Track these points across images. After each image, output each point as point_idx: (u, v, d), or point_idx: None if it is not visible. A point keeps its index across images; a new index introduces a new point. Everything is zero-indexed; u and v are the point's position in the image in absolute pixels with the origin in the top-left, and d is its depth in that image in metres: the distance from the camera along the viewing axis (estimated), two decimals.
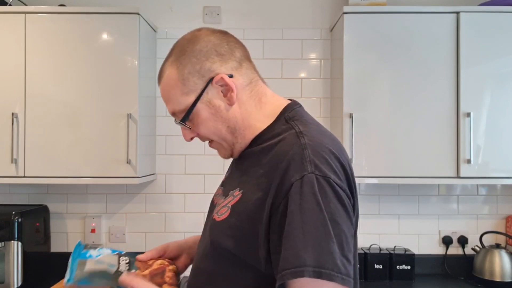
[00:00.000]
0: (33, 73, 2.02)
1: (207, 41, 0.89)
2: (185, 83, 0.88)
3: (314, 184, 0.75)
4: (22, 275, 1.99)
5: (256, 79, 0.93)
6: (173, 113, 0.93)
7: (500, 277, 2.10)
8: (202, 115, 0.89)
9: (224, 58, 0.88)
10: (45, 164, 2.01)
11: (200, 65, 0.87)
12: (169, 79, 0.90)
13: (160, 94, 0.95)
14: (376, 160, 2.04)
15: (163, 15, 2.38)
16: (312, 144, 0.80)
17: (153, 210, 2.35)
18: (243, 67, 0.91)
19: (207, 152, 2.35)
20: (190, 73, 0.87)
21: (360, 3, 2.14)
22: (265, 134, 0.90)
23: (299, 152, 0.79)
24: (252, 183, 0.84)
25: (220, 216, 0.87)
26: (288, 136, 0.84)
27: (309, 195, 0.74)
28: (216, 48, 0.88)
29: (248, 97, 0.91)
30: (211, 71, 0.87)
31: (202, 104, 0.88)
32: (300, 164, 0.77)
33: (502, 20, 2.03)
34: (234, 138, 0.92)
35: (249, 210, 0.81)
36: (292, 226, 0.73)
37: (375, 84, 2.06)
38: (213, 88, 0.88)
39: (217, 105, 0.88)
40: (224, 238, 0.84)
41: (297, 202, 0.74)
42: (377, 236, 2.35)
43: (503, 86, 2.04)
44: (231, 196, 0.88)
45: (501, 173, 2.03)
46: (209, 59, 0.87)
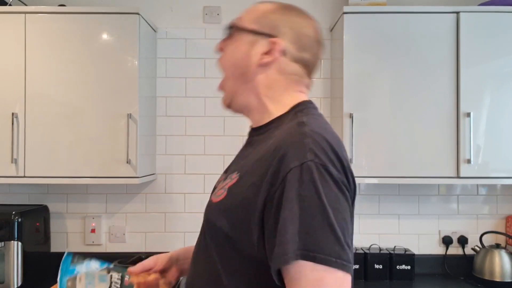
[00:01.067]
0: (33, 73, 2.02)
1: (306, 26, 0.93)
2: (262, 18, 0.91)
3: (314, 172, 0.74)
4: (22, 275, 1.99)
5: (296, 80, 0.93)
6: (233, 20, 0.96)
7: (500, 277, 2.10)
8: (239, 45, 0.92)
9: (297, 43, 0.91)
10: (45, 164, 2.01)
11: (281, 24, 0.91)
12: (263, 7, 0.94)
13: (247, 7, 0.97)
14: (376, 160, 2.04)
15: (163, 15, 2.38)
16: (313, 133, 0.79)
17: (153, 210, 2.36)
18: (297, 63, 0.92)
19: (207, 152, 2.36)
20: (271, 19, 0.91)
21: (360, 3, 2.15)
22: (273, 123, 0.90)
23: (299, 140, 0.78)
24: (249, 166, 0.84)
25: (217, 197, 0.87)
26: (290, 125, 0.84)
27: (308, 183, 0.74)
28: (302, 35, 0.92)
29: (276, 80, 0.91)
30: (279, 34, 0.90)
31: (247, 38, 0.91)
32: (300, 152, 0.76)
33: (502, 20, 2.03)
34: (239, 88, 0.93)
35: (244, 193, 0.81)
36: (291, 212, 0.73)
37: (375, 84, 2.06)
38: (265, 41, 0.90)
39: (253, 52, 0.90)
40: (219, 218, 0.83)
41: (295, 188, 0.74)
42: (377, 236, 2.35)
43: (503, 86, 2.04)
44: (229, 179, 0.89)
45: (501, 173, 2.03)
46: (290, 30, 0.91)
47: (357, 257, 2.21)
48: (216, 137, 2.36)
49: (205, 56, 2.35)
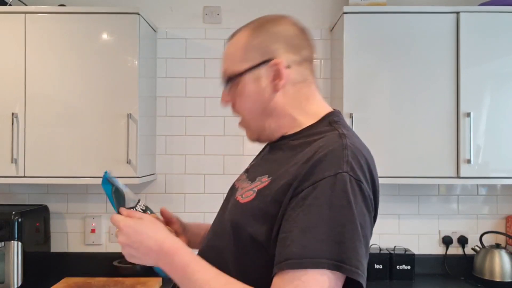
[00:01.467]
0: (33, 73, 2.02)
1: (286, 29, 0.93)
2: (247, 52, 0.91)
3: (347, 184, 0.76)
4: (22, 275, 1.99)
5: (310, 81, 0.95)
6: (224, 71, 0.95)
7: (500, 277, 2.10)
8: (246, 88, 0.92)
9: (291, 49, 0.91)
10: (45, 164, 2.01)
11: (267, 44, 0.91)
12: (238, 42, 0.94)
13: (224, 52, 0.98)
14: (376, 160, 2.02)
15: (163, 15, 2.38)
16: (353, 147, 0.81)
17: (153, 210, 2.35)
18: (303, 65, 0.93)
19: (207, 152, 2.36)
20: (256, 47, 0.91)
21: (360, 3, 2.14)
22: (307, 130, 0.91)
23: (339, 150, 0.80)
24: (283, 170, 0.85)
25: (245, 198, 0.88)
26: (330, 135, 0.85)
27: (341, 192, 0.75)
28: (289, 38, 0.92)
29: (296, 92, 0.92)
30: (273, 53, 0.90)
31: (250, 78, 0.91)
32: (337, 161, 0.78)
33: (502, 20, 2.03)
34: (266, 123, 0.93)
35: (275, 193, 0.82)
36: (320, 217, 0.74)
37: (375, 84, 2.06)
38: (267, 69, 0.90)
39: (263, 85, 0.90)
40: (245, 218, 0.84)
41: (327, 196, 0.75)
42: (377, 236, 2.35)
43: (503, 86, 2.04)
44: (258, 181, 0.89)
45: (501, 173, 2.03)
46: (277, 43, 0.91)
47: None
48: (216, 137, 2.36)
49: (205, 56, 2.35)
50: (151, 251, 0.84)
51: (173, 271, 0.82)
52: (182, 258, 0.81)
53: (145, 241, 0.84)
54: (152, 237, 0.84)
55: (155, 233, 0.85)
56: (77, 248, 2.34)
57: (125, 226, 0.86)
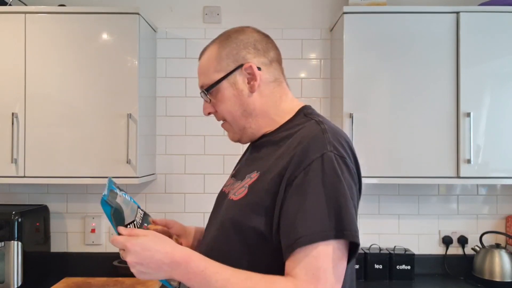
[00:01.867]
0: (33, 73, 2.02)
1: (250, 36, 1.02)
2: (220, 62, 1.00)
3: (334, 161, 0.85)
4: (22, 275, 1.99)
5: (281, 80, 1.04)
6: (201, 86, 1.04)
7: (500, 277, 2.10)
8: (225, 93, 1.00)
9: (259, 53, 1.01)
10: (45, 164, 2.01)
11: (237, 51, 1.00)
12: (209, 55, 1.02)
13: (198, 68, 1.07)
14: (376, 160, 2.04)
15: (163, 15, 2.38)
16: (331, 130, 0.92)
17: (153, 210, 2.35)
18: (272, 66, 1.02)
19: (207, 152, 2.36)
20: (227, 55, 1.00)
21: (360, 3, 2.14)
22: (286, 125, 1.00)
23: (319, 135, 0.89)
24: (270, 163, 0.93)
25: (238, 195, 0.94)
26: (308, 124, 0.95)
27: (330, 170, 0.84)
28: (255, 43, 1.01)
29: (270, 92, 1.01)
30: (244, 59, 1.00)
31: (227, 84, 1.00)
32: (321, 144, 0.87)
33: (502, 20, 2.03)
34: (246, 123, 1.02)
35: (267, 185, 0.89)
36: (315, 197, 0.83)
37: (375, 84, 2.06)
38: (241, 73, 0.99)
39: (240, 88, 1.00)
40: (242, 214, 0.90)
41: (319, 176, 0.84)
42: (377, 236, 2.35)
43: (503, 86, 2.04)
44: (248, 178, 0.96)
45: (501, 173, 2.03)
46: (246, 49, 1.00)
47: (357, 257, 2.20)
48: (216, 137, 2.36)
49: None
50: (163, 264, 0.85)
51: (190, 278, 0.84)
52: (197, 264, 0.84)
53: (155, 256, 0.85)
54: (160, 251, 0.85)
55: (163, 247, 0.86)
56: (77, 248, 2.34)
57: (131, 245, 0.86)
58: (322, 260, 0.80)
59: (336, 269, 0.82)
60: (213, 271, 0.83)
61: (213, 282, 0.82)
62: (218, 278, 0.82)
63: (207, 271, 0.83)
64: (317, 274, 0.80)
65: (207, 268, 0.83)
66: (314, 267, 0.80)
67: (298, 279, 0.80)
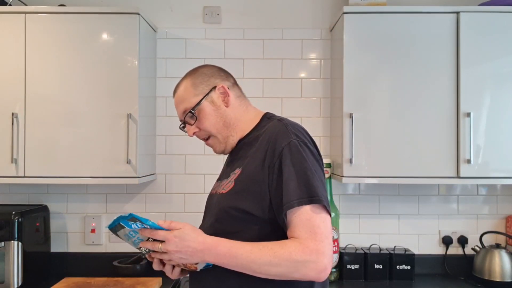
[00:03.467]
0: (33, 73, 2.02)
1: (211, 68, 1.29)
2: (196, 88, 1.25)
3: (298, 146, 1.10)
4: (22, 275, 1.99)
5: (243, 96, 1.32)
6: (184, 111, 1.26)
7: (500, 277, 2.10)
8: (206, 110, 1.24)
9: (223, 78, 1.28)
10: (45, 164, 2.01)
11: (208, 78, 1.26)
12: (184, 87, 1.26)
13: (174, 102, 1.29)
14: (376, 160, 2.04)
15: (163, 15, 2.38)
16: (290, 124, 1.17)
17: (153, 210, 2.36)
18: (235, 87, 1.30)
19: (207, 152, 2.35)
20: (201, 82, 1.25)
21: (360, 3, 2.14)
22: (255, 129, 1.25)
23: (283, 129, 1.15)
24: (249, 158, 1.17)
25: (226, 189, 1.17)
26: (272, 123, 1.20)
27: (296, 153, 1.09)
28: (218, 72, 1.29)
29: (238, 105, 1.28)
30: (215, 82, 1.26)
31: (206, 102, 1.24)
32: (286, 135, 1.12)
33: (502, 20, 2.03)
34: (227, 132, 1.25)
35: (252, 174, 1.12)
36: (288, 174, 1.07)
37: (375, 84, 2.06)
38: (215, 93, 1.25)
39: (218, 104, 1.25)
40: (233, 200, 1.13)
41: (288, 158, 1.08)
42: (377, 236, 2.35)
43: (503, 86, 2.04)
44: (232, 174, 1.19)
45: (501, 173, 2.03)
46: (213, 76, 1.27)
47: (357, 257, 2.20)
48: None
49: (205, 56, 2.35)
50: (197, 251, 1.06)
51: (220, 258, 1.06)
52: (223, 246, 1.06)
53: (191, 245, 1.06)
54: (195, 241, 1.06)
55: (196, 237, 1.07)
56: (77, 248, 2.34)
57: (172, 237, 1.06)
58: (313, 219, 1.04)
59: (325, 224, 1.05)
60: (237, 247, 1.05)
61: (238, 256, 1.04)
62: (242, 252, 1.04)
63: (232, 249, 1.04)
64: (314, 230, 1.03)
65: (232, 247, 1.05)
66: (310, 226, 1.03)
67: (301, 237, 1.03)
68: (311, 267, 1.01)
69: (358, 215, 2.34)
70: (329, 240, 1.04)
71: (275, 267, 1.02)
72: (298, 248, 1.02)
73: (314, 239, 1.02)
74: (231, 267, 1.06)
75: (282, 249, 1.03)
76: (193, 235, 1.07)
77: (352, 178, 2.04)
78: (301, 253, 1.01)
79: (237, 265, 1.05)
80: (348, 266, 2.19)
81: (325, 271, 1.03)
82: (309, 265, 1.01)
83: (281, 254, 1.02)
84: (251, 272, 1.05)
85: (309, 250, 1.01)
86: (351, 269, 2.19)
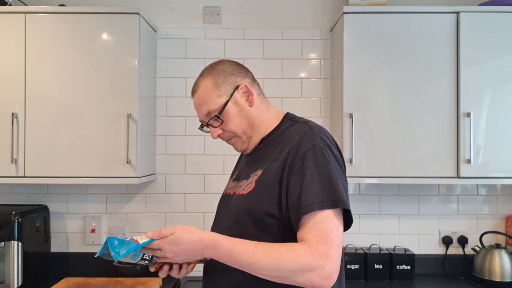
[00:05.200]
0: (33, 73, 2.02)
1: (230, 64, 1.24)
2: (219, 88, 1.19)
3: (322, 149, 1.08)
4: (22, 275, 1.99)
5: (262, 94, 1.27)
6: (207, 114, 1.20)
7: (500, 277, 2.10)
8: (231, 112, 1.19)
9: (243, 76, 1.23)
10: (45, 164, 2.01)
11: (229, 77, 1.20)
12: (205, 87, 1.20)
13: (194, 103, 1.23)
14: (376, 160, 2.04)
15: (163, 15, 2.38)
16: (316, 127, 1.15)
17: (153, 210, 2.36)
18: (254, 83, 1.26)
19: (207, 152, 2.36)
20: (223, 82, 1.20)
21: (360, 3, 2.14)
22: (277, 129, 1.22)
23: (309, 131, 1.13)
24: (270, 159, 1.15)
25: (247, 190, 1.15)
26: (297, 125, 1.18)
27: (320, 156, 1.07)
28: (237, 69, 1.24)
29: (259, 103, 1.24)
30: (236, 82, 1.21)
31: (231, 104, 1.19)
32: (311, 138, 1.10)
33: (502, 20, 2.03)
34: (252, 132, 1.22)
35: (273, 174, 1.10)
36: (311, 177, 1.04)
37: (375, 84, 2.06)
38: (238, 93, 1.20)
39: (242, 104, 1.21)
40: (254, 202, 1.11)
41: (312, 161, 1.06)
42: (377, 236, 2.35)
43: (503, 86, 2.04)
44: (253, 176, 1.16)
45: (501, 173, 2.03)
46: (234, 74, 1.21)
47: (357, 257, 2.20)
48: None
49: (205, 56, 2.35)
50: (195, 251, 1.03)
51: (220, 257, 1.03)
52: (224, 245, 1.02)
53: (187, 247, 1.02)
54: (190, 242, 1.02)
55: (191, 237, 1.02)
56: (77, 248, 2.34)
57: (165, 245, 1.02)
58: (327, 224, 1.00)
59: (338, 231, 1.01)
60: (238, 247, 1.01)
61: (240, 257, 1.00)
62: (243, 252, 1.00)
63: (233, 249, 1.01)
64: (326, 235, 0.99)
65: (233, 247, 1.01)
66: (322, 229, 0.99)
67: (311, 240, 0.99)
68: (317, 272, 0.97)
69: (358, 215, 2.34)
70: (339, 248, 1.00)
71: (279, 269, 0.98)
72: (306, 250, 0.98)
73: (325, 243, 0.98)
74: (233, 266, 1.02)
75: (289, 250, 0.99)
76: (186, 236, 1.02)
77: (352, 178, 2.04)
78: (309, 256, 0.97)
79: (238, 265, 1.01)
80: (348, 266, 2.19)
81: (330, 278, 0.98)
82: (315, 269, 0.97)
83: (287, 256, 0.98)
84: (253, 272, 1.01)
85: (318, 254, 0.97)
86: (351, 269, 2.19)
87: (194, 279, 2.25)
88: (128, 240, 1.02)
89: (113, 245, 1.00)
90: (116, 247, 1.00)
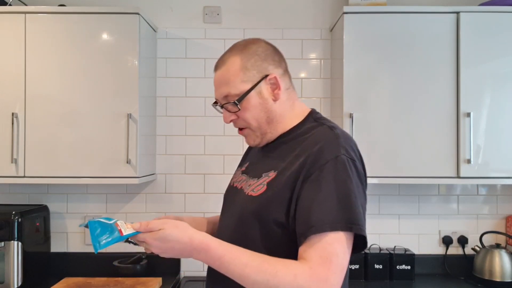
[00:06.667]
0: (33, 73, 2.02)
1: (266, 48, 1.11)
2: (246, 73, 1.07)
3: (346, 163, 0.97)
4: (22, 275, 1.99)
5: (292, 88, 1.15)
6: (225, 96, 1.09)
7: (500, 277, 2.10)
8: (252, 102, 1.08)
9: (276, 64, 1.11)
10: (45, 164, 2.01)
11: (260, 63, 1.08)
12: (232, 66, 1.08)
13: (215, 79, 1.11)
14: (376, 160, 2.04)
15: (163, 15, 2.38)
16: (343, 136, 1.03)
17: (153, 210, 2.35)
18: (285, 76, 1.13)
19: (207, 152, 2.36)
20: (252, 66, 1.07)
21: (360, 3, 2.14)
22: (297, 129, 1.10)
23: (334, 139, 1.01)
24: (286, 163, 1.03)
25: (257, 192, 1.05)
26: (321, 129, 1.06)
27: (342, 170, 0.96)
28: (272, 55, 1.11)
29: (286, 98, 1.11)
30: (267, 70, 1.08)
31: (254, 93, 1.07)
32: (335, 148, 0.98)
33: (502, 20, 2.03)
34: (268, 128, 1.11)
35: (286, 181, 1.00)
36: (327, 191, 0.94)
37: (375, 84, 2.06)
38: (265, 83, 1.08)
39: (265, 97, 1.08)
40: (263, 207, 1.01)
41: (332, 174, 0.95)
42: (377, 236, 2.34)
43: (503, 86, 2.04)
44: (265, 176, 1.06)
45: (501, 173, 2.03)
46: (267, 60, 1.09)
47: (357, 257, 2.20)
48: (216, 137, 2.36)
49: (205, 56, 2.35)
50: (184, 251, 0.95)
51: (210, 263, 0.95)
52: (215, 251, 0.93)
53: (175, 246, 0.95)
54: (179, 242, 0.94)
55: (181, 237, 0.94)
56: (77, 248, 2.34)
57: (152, 241, 0.95)
58: (335, 246, 0.91)
59: (344, 256, 0.92)
60: (231, 257, 0.93)
61: (231, 268, 0.92)
62: (236, 263, 0.92)
63: (225, 257, 0.92)
64: (330, 258, 0.90)
65: (225, 255, 0.93)
66: (328, 251, 0.90)
67: (313, 261, 0.90)
68: None
69: None
70: (342, 274, 0.92)
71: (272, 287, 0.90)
72: (305, 272, 0.89)
73: (327, 268, 0.89)
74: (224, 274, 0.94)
75: (286, 269, 0.90)
76: (176, 235, 0.94)
77: None
78: (308, 279, 0.88)
79: (229, 274, 0.93)
80: (348, 266, 2.19)
81: None
82: None
83: (283, 275, 0.90)
84: (244, 285, 0.93)
85: (318, 277, 0.89)
86: (351, 269, 2.19)
87: (195, 279, 2.26)
88: (112, 223, 0.97)
89: (94, 234, 0.94)
90: (97, 236, 0.94)
